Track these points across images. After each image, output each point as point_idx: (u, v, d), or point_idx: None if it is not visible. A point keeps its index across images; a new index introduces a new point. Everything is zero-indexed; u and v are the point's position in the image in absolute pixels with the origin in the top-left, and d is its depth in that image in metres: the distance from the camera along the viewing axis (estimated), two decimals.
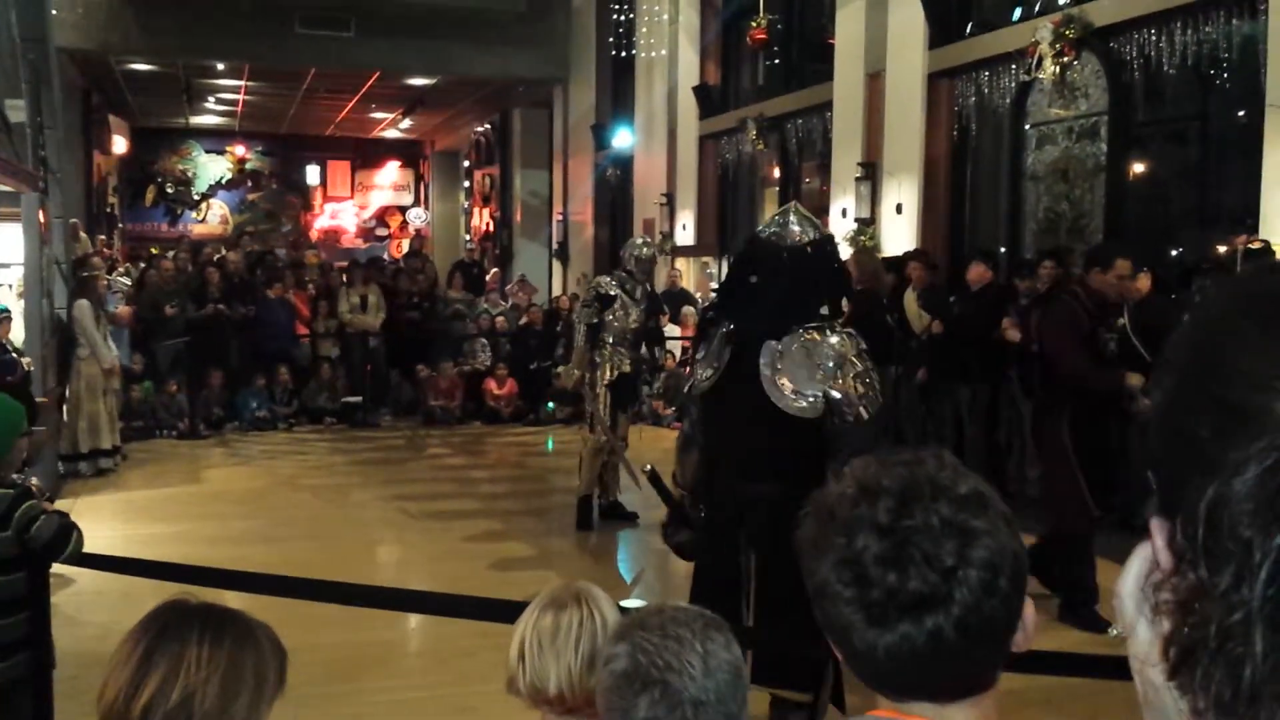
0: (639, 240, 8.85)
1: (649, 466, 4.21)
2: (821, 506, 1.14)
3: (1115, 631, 0.78)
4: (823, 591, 1.11)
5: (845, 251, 11.33)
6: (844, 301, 4.21)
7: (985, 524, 1.08)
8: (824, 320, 3.88)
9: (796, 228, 4.02)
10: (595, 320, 8.11)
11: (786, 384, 3.75)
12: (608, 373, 8.10)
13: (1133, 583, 0.76)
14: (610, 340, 8.12)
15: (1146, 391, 6.94)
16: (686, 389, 4.48)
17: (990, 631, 1.09)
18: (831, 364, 3.75)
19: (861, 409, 3.75)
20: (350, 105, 22.11)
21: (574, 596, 2.06)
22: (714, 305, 5.68)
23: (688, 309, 14.15)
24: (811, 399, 3.74)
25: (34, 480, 6.73)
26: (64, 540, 3.53)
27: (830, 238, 4.15)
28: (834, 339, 3.82)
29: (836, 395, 3.74)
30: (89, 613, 5.69)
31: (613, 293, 8.18)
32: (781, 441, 3.79)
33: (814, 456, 3.76)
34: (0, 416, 3.64)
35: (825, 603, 1.12)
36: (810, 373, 3.75)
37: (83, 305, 9.73)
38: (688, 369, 4.36)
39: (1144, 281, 7.72)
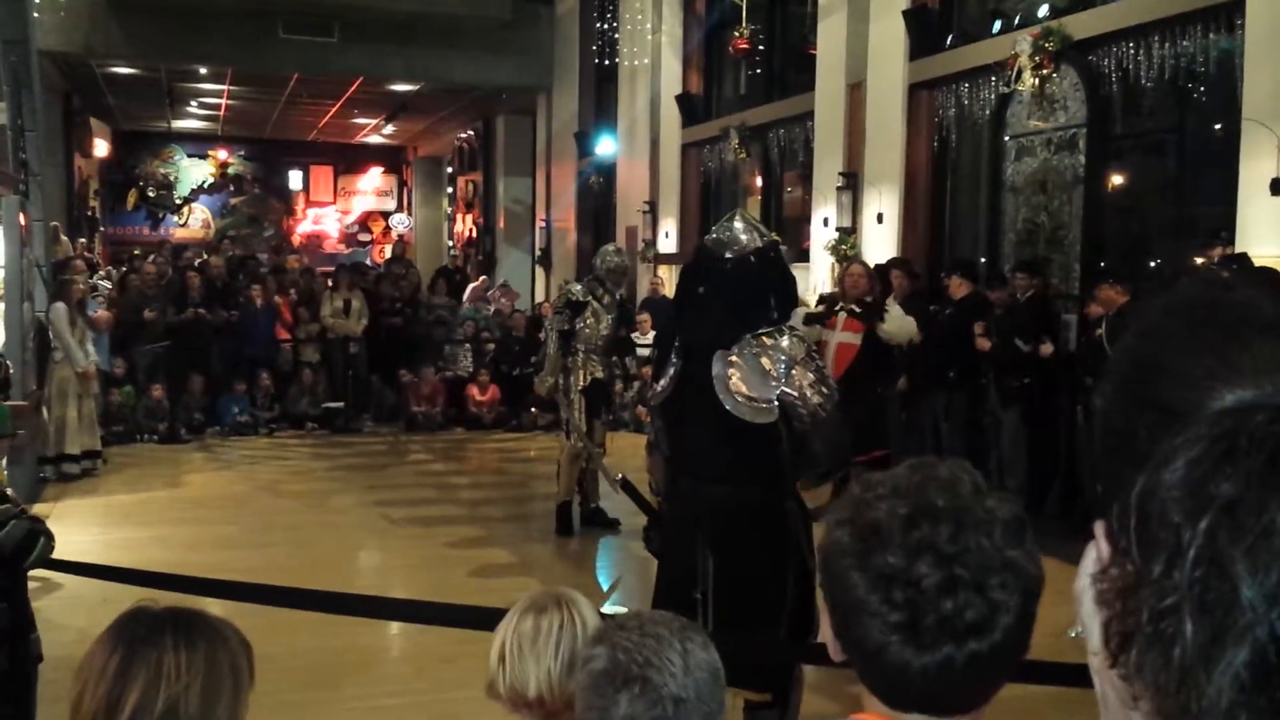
0: (611, 249, 8.82)
1: (620, 475, 4.21)
2: (863, 519, 1.12)
3: (1075, 632, 0.82)
4: (857, 607, 1.10)
5: (827, 260, 11.43)
6: (789, 306, 4.22)
7: (1023, 554, 1.10)
8: (773, 325, 3.91)
9: (744, 236, 4.04)
10: (566, 327, 8.11)
11: (741, 390, 3.79)
12: (581, 379, 8.11)
13: (1086, 582, 0.77)
14: (582, 347, 8.12)
15: None
16: (649, 398, 4.52)
17: (1016, 655, 1.12)
18: (783, 367, 3.79)
19: (817, 408, 3.80)
20: (333, 110, 22.08)
21: (555, 601, 2.08)
22: (670, 316, 5.73)
23: None
24: (765, 405, 3.78)
25: (8, 489, 6.70)
26: (31, 544, 3.52)
27: (775, 244, 4.16)
28: (785, 342, 3.85)
29: (792, 395, 3.77)
30: (67, 617, 5.67)
31: (584, 299, 8.18)
32: (735, 446, 3.86)
33: (768, 460, 3.86)
34: None
35: (856, 619, 1.11)
36: (763, 378, 3.79)
37: (58, 308, 9.67)
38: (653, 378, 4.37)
39: (1112, 295, 7.78)
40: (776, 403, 3.79)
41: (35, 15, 10.55)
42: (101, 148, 22.71)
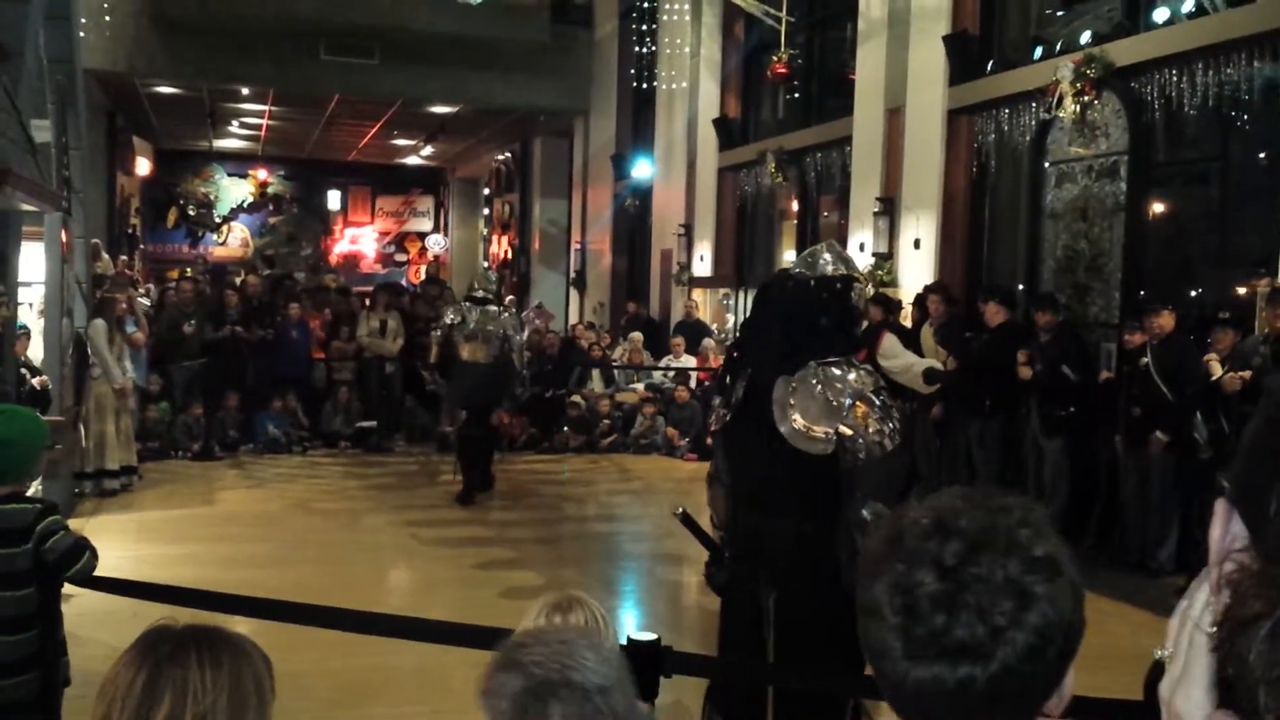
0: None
1: (680, 509, 4.02)
2: (893, 527, 1.12)
3: (1161, 653, 0.83)
4: (870, 610, 1.10)
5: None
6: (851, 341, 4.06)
7: (1048, 590, 1.06)
8: (841, 356, 3.76)
9: (830, 267, 3.91)
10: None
11: (798, 420, 3.66)
12: None
13: (1199, 609, 0.80)
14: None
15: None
16: (710, 426, 4.39)
17: (1022, 695, 1.07)
18: (848, 400, 3.65)
19: (875, 448, 3.63)
20: (373, 132, 22.26)
21: (576, 601, 2.19)
22: (736, 342, 5.62)
23: (708, 341, 14.13)
24: (822, 436, 3.64)
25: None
26: (77, 556, 3.54)
27: (850, 279, 3.94)
28: (852, 375, 3.70)
29: (847, 432, 3.63)
30: (97, 632, 5.66)
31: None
32: (797, 477, 3.69)
33: (830, 492, 3.66)
34: (26, 430, 3.64)
35: (869, 621, 1.11)
36: (823, 409, 3.65)
37: (98, 325, 9.74)
38: (717, 403, 4.19)
39: (1168, 321, 7.69)
40: (834, 435, 3.63)
41: (81, 35, 10.68)
42: (143, 166, 22.98)
